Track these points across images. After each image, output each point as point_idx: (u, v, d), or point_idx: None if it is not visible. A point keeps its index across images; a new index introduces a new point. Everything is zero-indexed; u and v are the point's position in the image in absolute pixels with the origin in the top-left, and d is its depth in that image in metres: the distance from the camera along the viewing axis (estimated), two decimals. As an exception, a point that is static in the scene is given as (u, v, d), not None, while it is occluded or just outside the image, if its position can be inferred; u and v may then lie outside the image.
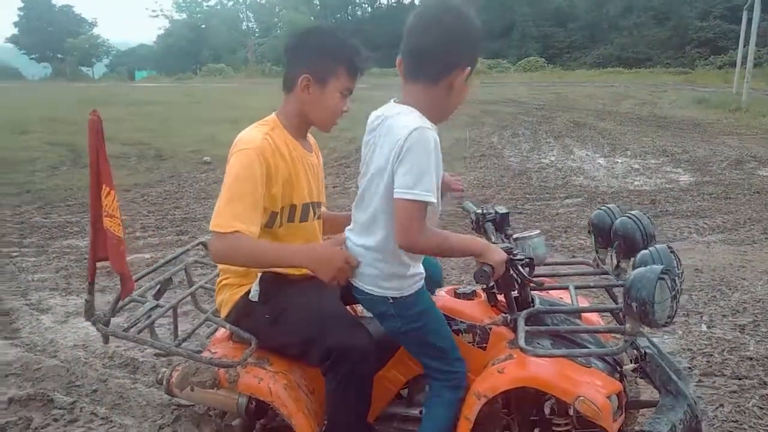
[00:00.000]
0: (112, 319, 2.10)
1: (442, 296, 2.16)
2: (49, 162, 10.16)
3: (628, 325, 1.74)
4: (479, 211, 2.31)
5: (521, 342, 1.77)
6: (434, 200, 1.72)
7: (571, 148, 11.01)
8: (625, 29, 40.65)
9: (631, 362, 2.05)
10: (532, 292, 2.09)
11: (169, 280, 2.46)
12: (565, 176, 8.76)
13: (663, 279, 1.66)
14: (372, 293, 1.91)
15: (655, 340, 3.51)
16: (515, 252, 1.95)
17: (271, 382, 1.95)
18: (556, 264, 2.68)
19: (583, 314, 2.20)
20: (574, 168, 9.35)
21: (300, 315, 1.99)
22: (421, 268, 1.97)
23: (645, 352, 2.00)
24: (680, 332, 3.75)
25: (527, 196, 7.63)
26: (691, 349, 3.52)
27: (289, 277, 2.08)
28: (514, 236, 2.19)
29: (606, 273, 2.27)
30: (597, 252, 2.33)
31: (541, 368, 1.81)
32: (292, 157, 2.07)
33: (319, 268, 1.89)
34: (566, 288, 2.21)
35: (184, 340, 2.07)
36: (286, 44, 2.15)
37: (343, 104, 2.08)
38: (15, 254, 5.66)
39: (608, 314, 2.23)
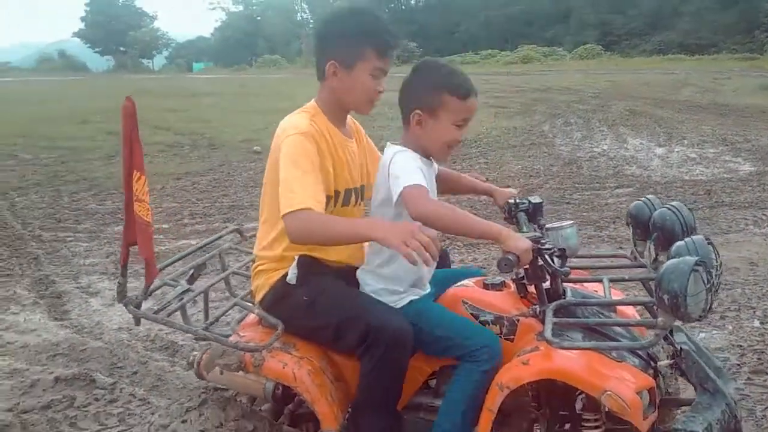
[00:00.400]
0: (145, 302, 2.16)
1: (470, 287, 2.12)
2: (106, 151, 10.52)
3: (660, 319, 1.67)
4: (511, 200, 2.26)
5: (548, 333, 1.72)
6: (425, 184, 1.87)
7: (625, 137, 10.66)
8: (687, 15, 39.01)
9: (668, 358, 1.97)
10: (564, 284, 2.03)
11: (203, 265, 2.50)
12: (617, 165, 8.50)
13: (697, 271, 1.58)
14: None
15: (702, 335, 3.41)
16: (544, 242, 1.89)
17: (295, 368, 1.96)
18: (592, 256, 2.59)
19: (618, 308, 2.12)
20: (627, 157, 9.06)
21: (339, 296, 2.01)
22: (414, 287, 2.07)
23: (681, 348, 1.92)
24: (730, 327, 3.59)
25: (576, 185, 7.45)
26: (741, 346, 3.36)
27: (326, 263, 2.10)
28: (546, 226, 2.13)
29: (643, 266, 2.19)
30: (635, 244, 2.25)
31: (567, 361, 1.75)
32: (334, 143, 2.08)
33: (390, 233, 1.71)
34: (600, 281, 2.13)
35: (213, 323, 2.10)
36: (314, 32, 2.15)
37: (377, 85, 2.04)
38: (70, 239, 5.90)
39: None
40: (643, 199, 2.24)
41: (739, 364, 3.13)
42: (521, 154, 9.51)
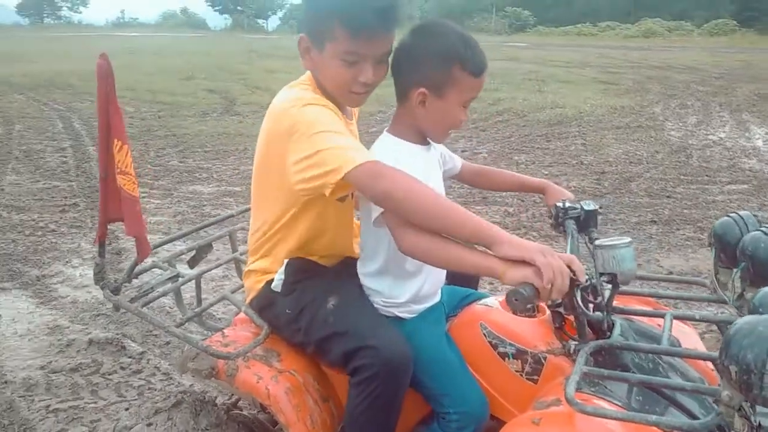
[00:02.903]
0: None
1: (494, 308, 1.74)
2: (202, 108, 10.70)
3: (725, 393, 1.22)
4: (560, 204, 1.84)
5: (570, 389, 1.31)
6: None
7: (747, 125, 9.50)
8: None
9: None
10: (613, 315, 1.61)
11: (208, 246, 2.28)
12: (734, 157, 7.53)
13: (784, 339, 1.13)
14: None
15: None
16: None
17: (271, 383, 1.67)
18: (662, 279, 2.10)
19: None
20: (746, 148, 8.03)
21: (330, 310, 1.66)
22: (410, 303, 1.69)
23: (759, 424, 1.45)
24: None
25: (682, 177, 6.65)
26: None
27: (319, 266, 1.78)
28: (596, 242, 1.70)
29: (724, 301, 1.71)
30: (717, 272, 1.76)
31: (592, 427, 1.35)
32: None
33: (539, 260, 1.31)
34: (662, 316, 1.68)
35: (189, 319, 1.90)
36: None
37: (355, 73, 1.59)
38: (144, 196, 5.93)
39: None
40: (732, 214, 1.75)
41: None
42: (625, 137, 8.68)
